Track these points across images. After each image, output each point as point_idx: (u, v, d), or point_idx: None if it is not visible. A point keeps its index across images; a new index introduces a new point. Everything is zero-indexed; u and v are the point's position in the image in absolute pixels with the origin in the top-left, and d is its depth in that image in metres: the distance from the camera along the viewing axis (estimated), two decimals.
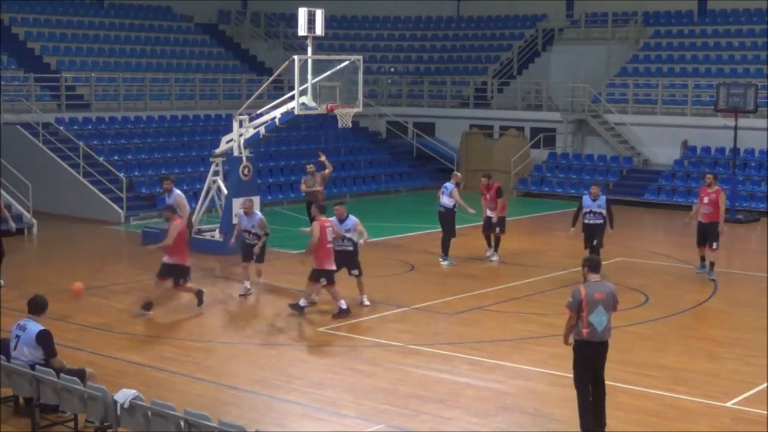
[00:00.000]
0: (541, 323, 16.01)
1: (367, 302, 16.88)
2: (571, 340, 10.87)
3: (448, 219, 20.61)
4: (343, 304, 16.07)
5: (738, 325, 16.00)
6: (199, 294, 16.66)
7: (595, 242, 19.00)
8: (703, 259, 19.47)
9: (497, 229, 21.00)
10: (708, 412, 11.84)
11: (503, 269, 20.37)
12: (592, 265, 11.24)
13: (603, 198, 19.32)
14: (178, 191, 20.29)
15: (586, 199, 19.33)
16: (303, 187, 23.17)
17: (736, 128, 27.52)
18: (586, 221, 19.36)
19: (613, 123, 33.59)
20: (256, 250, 17.74)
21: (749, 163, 30.25)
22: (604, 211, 19.23)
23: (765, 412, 11.64)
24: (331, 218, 16.63)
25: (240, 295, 17.71)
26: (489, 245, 21.30)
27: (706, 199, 19.05)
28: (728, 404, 12.08)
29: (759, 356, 13.99)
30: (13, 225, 19.65)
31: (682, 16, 37.36)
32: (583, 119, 34.15)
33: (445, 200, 20.56)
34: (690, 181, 30.35)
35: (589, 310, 10.59)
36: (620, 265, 20.67)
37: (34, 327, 11.07)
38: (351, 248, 16.81)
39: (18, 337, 11.10)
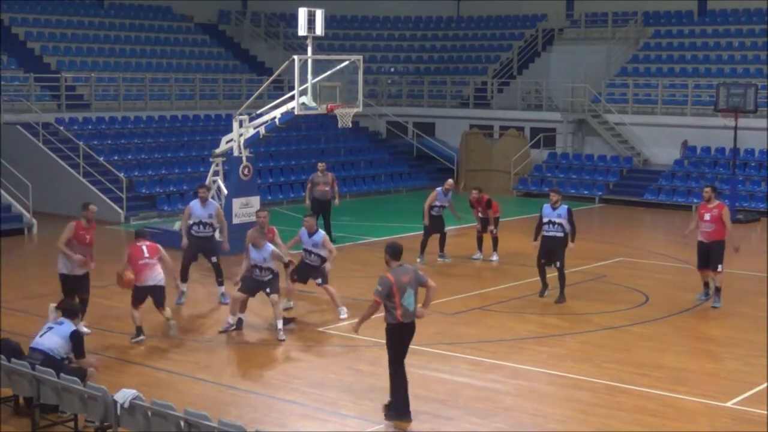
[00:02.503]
0: (541, 323, 16.02)
1: (344, 315, 15.90)
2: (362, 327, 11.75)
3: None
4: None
5: (738, 325, 16.00)
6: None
7: (557, 263, 17.11)
8: (706, 284, 17.32)
9: (493, 230, 20.95)
10: (708, 412, 11.84)
11: (503, 269, 20.36)
12: (393, 252, 11.57)
13: (565, 207, 17.00)
14: (215, 202, 18.42)
15: (546, 208, 17.17)
16: (309, 186, 22.89)
17: (736, 128, 27.51)
18: (545, 233, 17.23)
19: (613, 123, 33.59)
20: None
21: (749, 163, 30.24)
22: (565, 222, 16.94)
23: (765, 412, 11.65)
24: (300, 230, 16.21)
25: (220, 332, 15.33)
26: (479, 248, 21.17)
27: (707, 216, 16.80)
28: (728, 404, 12.08)
29: (759, 356, 14.00)
30: None
31: (682, 16, 37.36)
32: (583, 119, 34.14)
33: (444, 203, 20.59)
34: (690, 181, 30.36)
35: (400, 294, 11.23)
36: (620, 265, 20.68)
37: (71, 325, 11.33)
38: (317, 264, 16.03)
39: (51, 328, 11.34)
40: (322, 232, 16.20)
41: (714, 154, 31.20)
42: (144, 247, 14.81)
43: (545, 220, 17.09)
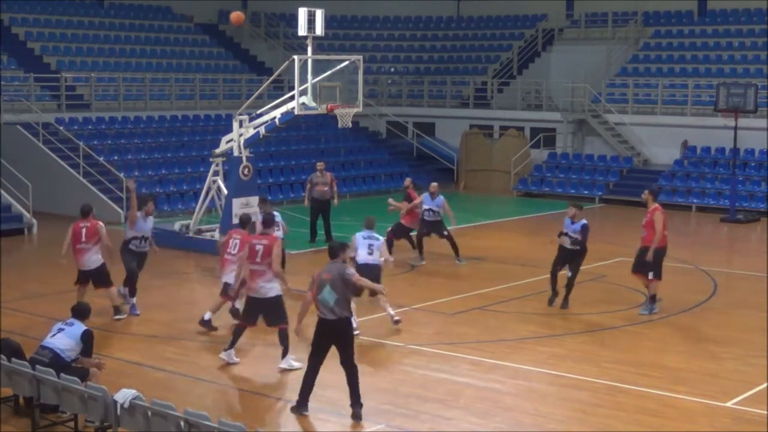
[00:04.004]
0: (541, 323, 16.02)
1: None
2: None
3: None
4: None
5: (738, 325, 16.00)
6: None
7: (569, 273, 16.58)
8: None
9: (445, 232, 20.58)
10: (708, 412, 11.84)
11: (503, 269, 20.35)
12: (328, 251, 11.91)
13: (581, 223, 16.49)
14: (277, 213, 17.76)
15: (567, 219, 16.67)
16: (308, 186, 22.89)
17: (736, 128, 27.51)
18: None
19: (613, 123, 33.59)
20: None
21: (749, 163, 30.24)
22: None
23: (765, 412, 11.65)
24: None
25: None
26: (421, 250, 20.63)
27: (643, 221, 16.75)
28: (728, 404, 12.08)
29: (759, 356, 14.00)
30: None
31: (682, 16, 37.35)
32: (583, 119, 34.15)
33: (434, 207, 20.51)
34: (690, 181, 30.36)
35: (318, 290, 11.41)
36: (620, 265, 20.66)
37: (81, 326, 11.39)
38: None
39: (62, 329, 11.38)
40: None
41: (714, 154, 31.20)
42: (83, 230, 15.51)
43: (564, 231, 16.73)
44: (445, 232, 20.66)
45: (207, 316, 15.21)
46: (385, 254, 15.49)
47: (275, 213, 17.71)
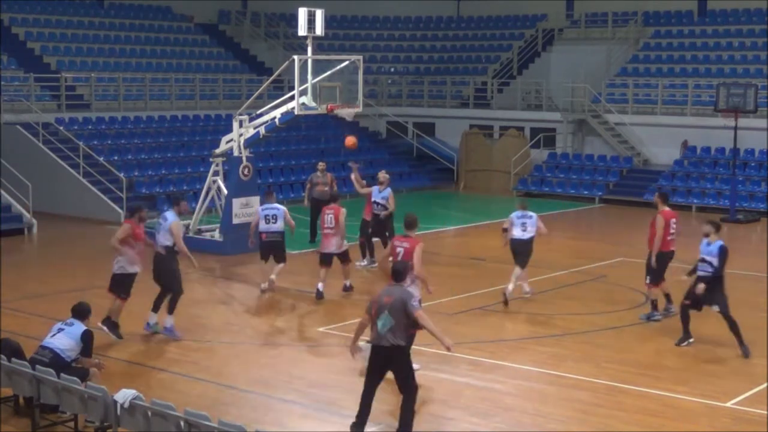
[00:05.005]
0: (541, 323, 16.02)
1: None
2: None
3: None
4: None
5: (738, 325, 15.96)
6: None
7: (715, 307, 14.33)
8: (667, 297, 16.42)
9: (387, 233, 19.59)
10: (708, 412, 11.85)
11: (503, 269, 20.30)
12: (394, 273, 10.96)
13: (718, 243, 14.31)
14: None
15: (702, 243, 14.55)
16: (308, 186, 22.89)
17: (736, 128, 27.51)
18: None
19: (613, 123, 33.59)
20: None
21: (749, 163, 30.25)
22: (716, 261, 14.22)
23: (765, 412, 11.65)
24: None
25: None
26: (372, 251, 20.26)
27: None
28: (728, 404, 12.08)
29: (759, 356, 14.00)
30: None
31: (682, 16, 37.36)
32: (583, 119, 34.15)
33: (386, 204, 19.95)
34: (690, 181, 30.37)
35: (377, 314, 10.55)
36: (620, 265, 20.68)
37: (81, 326, 11.39)
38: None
39: (61, 329, 11.37)
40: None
41: (714, 154, 31.20)
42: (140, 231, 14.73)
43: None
44: (387, 234, 19.53)
45: (320, 286, 17.09)
46: (542, 228, 17.28)
47: (280, 207, 17.90)
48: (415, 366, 11.73)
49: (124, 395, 9.78)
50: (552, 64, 38.03)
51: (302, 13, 20.65)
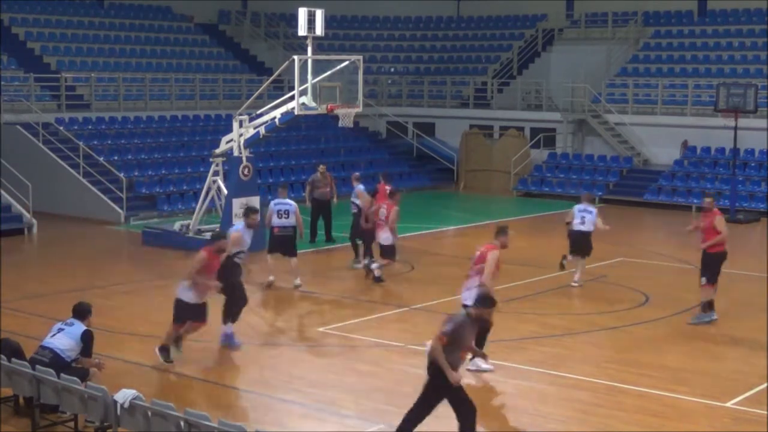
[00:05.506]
0: (541, 323, 16.01)
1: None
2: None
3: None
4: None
5: (738, 325, 15.98)
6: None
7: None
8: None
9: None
10: (708, 412, 11.84)
11: (503, 269, 20.23)
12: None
13: (358, 187, 17.11)
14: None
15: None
16: (309, 188, 22.90)
17: (736, 128, 27.51)
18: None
19: (613, 123, 33.59)
20: None
21: (749, 163, 30.24)
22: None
23: (765, 412, 11.65)
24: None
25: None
26: (356, 251, 20.28)
27: (701, 225, 15.97)
28: (728, 404, 12.08)
29: (759, 356, 13.99)
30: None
31: (682, 16, 37.36)
32: (583, 119, 34.15)
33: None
34: (690, 181, 30.36)
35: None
36: (620, 265, 20.67)
37: (81, 326, 11.37)
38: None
39: (61, 329, 11.37)
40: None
41: (714, 154, 31.20)
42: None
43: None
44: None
45: (377, 273, 18.11)
46: (599, 224, 18.28)
47: (292, 203, 18.16)
48: (486, 366, 12.48)
49: (124, 395, 9.78)
50: (552, 64, 38.02)
51: (302, 13, 20.64)
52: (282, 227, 18.18)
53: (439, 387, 9.98)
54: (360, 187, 20.41)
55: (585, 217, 18.41)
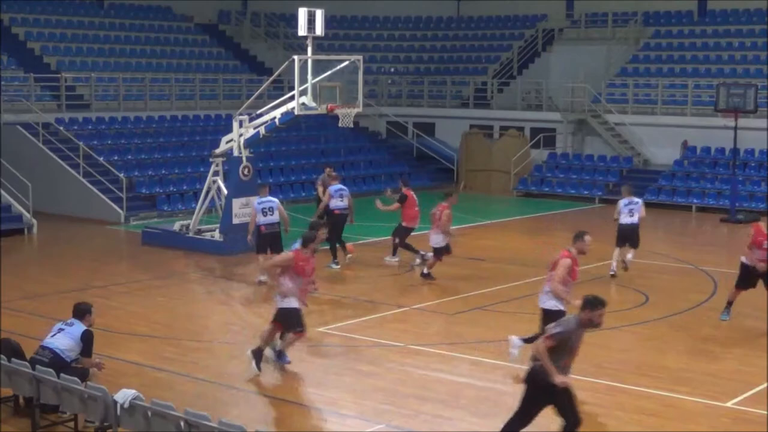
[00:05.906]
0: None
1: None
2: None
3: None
4: None
5: (738, 325, 15.98)
6: None
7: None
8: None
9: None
10: (708, 412, 11.84)
11: (503, 269, 20.35)
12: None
13: (273, 199, 17.77)
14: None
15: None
16: (320, 190, 22.20)
17: (736, 128, 27.50)
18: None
19: (613, 123, 33.59)
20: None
21: (749, 163, 30.24)
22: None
23: (765, 412, 11.64)
24: None
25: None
26: (396, 249, 20.55)
27: (765, 244, 15.95)
28: (728, 404, 12.07)
29: (759, 356, 13.99)
30: None
31: (682, 16, 37.36)
32: (583, 119, 34.14)
33: (340, 203, 20.36)
34: (690, 181, 30.36)
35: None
36: (620, 265, 20.64)
37: (81, 326, 11.40)
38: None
39: (62, 329, 11.39)
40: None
41: (714, 154, 31.20)
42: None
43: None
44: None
45: (425, 270, 18.75)
46: (642, 213, 19.61)
47: (275, 200, 18.37)
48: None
49: (124, 395, 9.77)
50: (552, 64, 38.01)
51: (302, 13, 20.63)
52: (268, 224, 18.33)
53: (539, 394, 9.56)
54: (335, 187, 20.44)
55: (633, 209, 19.53)
